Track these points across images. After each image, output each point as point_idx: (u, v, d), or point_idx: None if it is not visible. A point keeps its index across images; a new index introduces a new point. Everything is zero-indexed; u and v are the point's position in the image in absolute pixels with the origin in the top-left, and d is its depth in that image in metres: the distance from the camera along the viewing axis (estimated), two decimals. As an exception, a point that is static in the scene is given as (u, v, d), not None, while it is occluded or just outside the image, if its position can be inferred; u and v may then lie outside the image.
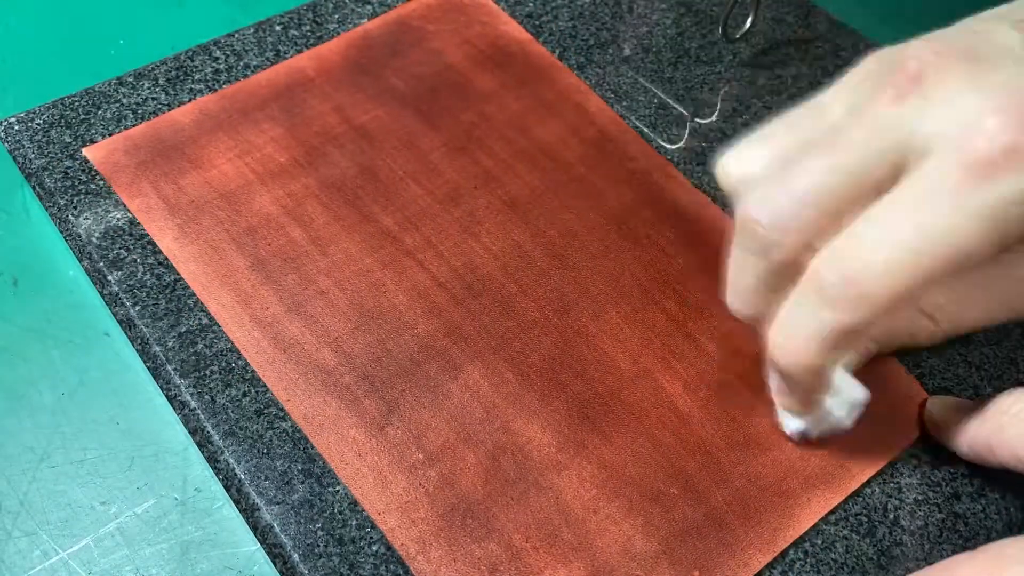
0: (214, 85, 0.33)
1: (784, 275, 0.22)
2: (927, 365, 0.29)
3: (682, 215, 0.31)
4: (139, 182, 0.30)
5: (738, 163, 0.22)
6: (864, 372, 0.28)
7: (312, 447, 0.26)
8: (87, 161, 0.31)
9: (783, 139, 0.22)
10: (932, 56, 0.20)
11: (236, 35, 0.35)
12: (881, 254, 0.20)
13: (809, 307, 0.21)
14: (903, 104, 0.20)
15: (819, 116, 0.22)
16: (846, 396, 0.25)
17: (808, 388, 0.24)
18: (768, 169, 0.22)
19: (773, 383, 0.25)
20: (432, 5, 0.36)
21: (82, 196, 0.30)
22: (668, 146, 0.33)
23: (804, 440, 0.27)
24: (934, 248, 0.19)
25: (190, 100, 0.33)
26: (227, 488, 0.26)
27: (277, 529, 0.24)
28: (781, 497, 0.26)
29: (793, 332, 0.22)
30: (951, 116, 0.20)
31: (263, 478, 0.25)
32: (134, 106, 0.32)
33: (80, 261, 0.30)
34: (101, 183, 0.30)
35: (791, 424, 0.26)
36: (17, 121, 0.32)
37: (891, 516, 0.26)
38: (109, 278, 0.28)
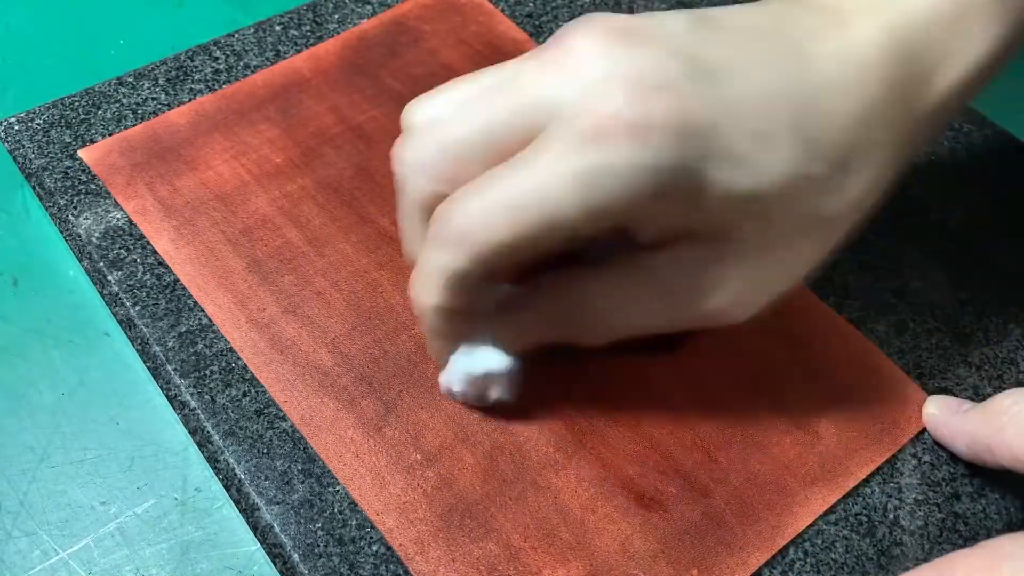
0: (214, 85, 0.33)
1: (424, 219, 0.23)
2: (927, 365, 0.29)
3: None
4: (135, 184, 0.30)
5: (413, 110, 0.23)
6: (864, 372, 0.28)
7: (311, 447, 0.26)
8: (85, 163, 0.31)
9: (458, 92, 0.23)
10: (588, 27, 0.21)
11: (236, 35, 0.35)
12: (485, 204, 0.21)
13: (429, 249, 0.22)
14: (545, 70, 0.21)
15: (493, 75, 0.22)
16: (482, 361, 0.25)
17: (435, 332, 0.24)
18: (430, 119, 0.22)
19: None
20: (428, 5, 0.36)
21: (82, 196, 0.30)
22: None
23: (456, 399, 0.26)
24: (529, 205, 0.20)
25: (190, 100, 0.33)
26: (227, 488, 0.26)
27: (277, 529, 0.24)
28: (779, 496, 0.26)
29: (418, 272, 0.23)
30: (579, 83, 0.20)
31: (263, 478, 0.25)
32: (134, 106, 0.33)
33: (80, 261, 0.30)
34: (101, 183, 0.31)
35: (442, 379, 0.26)
36: (17, 121, 0.32)
37: (891, 516, 0.26)
38: (109, 278, 0.28)
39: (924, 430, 0.27)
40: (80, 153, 0.31)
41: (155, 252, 0.29)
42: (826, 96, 0.21)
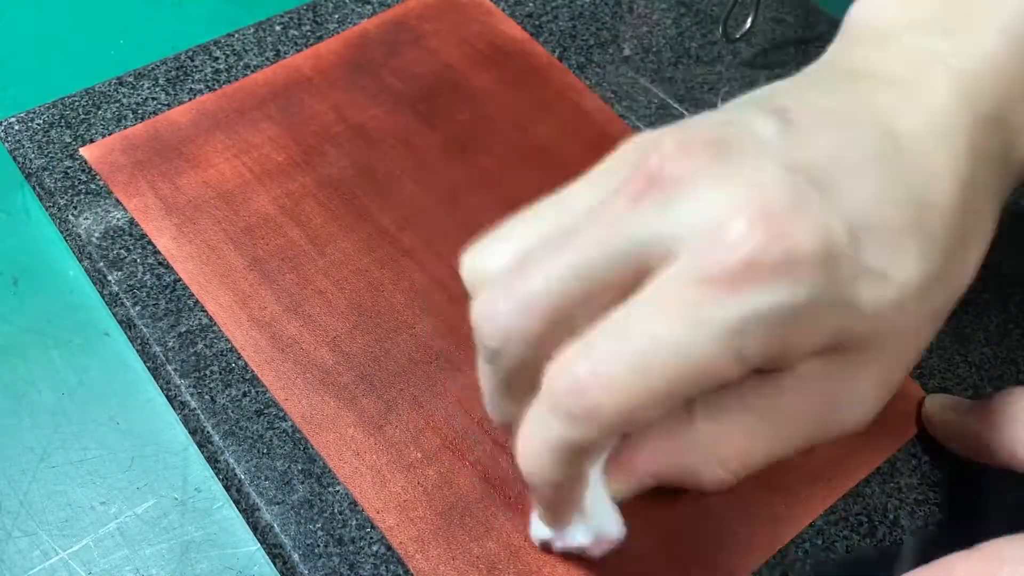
0: (214, 85, 0.33)
1: (523, 383, 0.20)
2: (927, 365, 0.29)
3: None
4: (136, 181, 0.30)
5: (479, 260, 0.20)
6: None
7: (312, 447, 0.26)
8: (87, 161, 0.31)
9: (525, 234, 0.20)
10: (676, 149, 0.19)
11: (236, 35, 0.35)
12: (610, 365, 0.18)
13: (543, 417, 0.19)
14: (643, 203, 0.18)
15: (563, 210, 0.20)
16: (595, 524, 0.22)
17: (552, 502, 0.21)
18: (505, 268, 0.20)
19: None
20: (430, 5, 0.36)
21: (82, 196, 0.30)
22: None
23: (547, 549, 0.24)
24: (667, 364, 0.18)
25: (190, 100, 0.33)
26: (227, 488, 0.26)
27: (277, 529, 0.24)
28: (780, 495, 0.26)
29: (529, 443, 0.20)
30: (693, 218, 0.18)
31: (263, 478, 0.25)
32: (134, 106, 0.33)
33: (80, 261, 0.30)
34: (101, 183, 0.30)
35: (537, 531, 0.24)
36: (17, 121, 0.32)
37: (891, 516, 0.26)
38: (109, 278, 0.28)
39: (924, 430, 0.28)
40: (82, 151, 0.31)
41: (155, 252, 0.29)
42: (930, 184, 0.20)
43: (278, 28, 0.35)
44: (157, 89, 0.33)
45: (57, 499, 0.25)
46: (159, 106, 0.33)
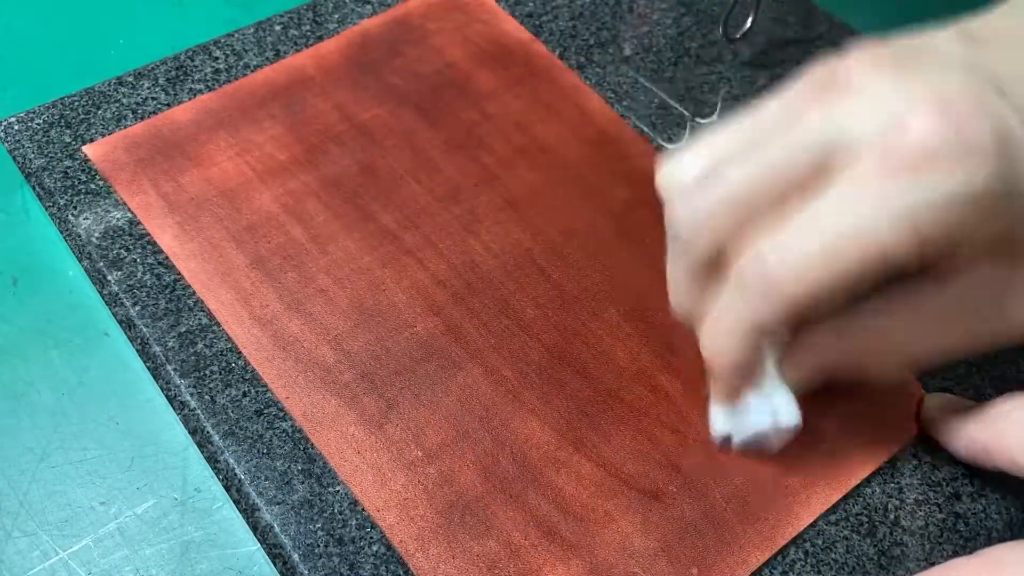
0: (214, 85, 0.33)
1: (711, 274, 0.22)
2: (927, 364, 0.29)
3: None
4: (139, 180, 0.30)
5: (675, 170, 0.23)
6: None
7: (312, 447, 0.26)
8: (87, 161, 0.31)
9: (720, 144, 0.22)
10: (865, 59, 0.21)
11: (236, 35, 0.35)
12: (796, 252, 0.20)
13: (730, 302, 0.21)
14: (829, 105, 0.20)
15: (757, 120, 0.22)
16: (776, 412, 0.24)
17: (730, 383, 0.24)
18: (699, 176, 0.22)
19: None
20: (433, 4, 0.36)
21: (82, 196, 0.30)
22: (668, 146, 0.34)
23: (725, 446, 0.26)
24: (850, 247, 0.19)
25: (190, 100, 0.33)
26: (227, 488, 0.26)
27: (277, 529, 0.24)
28: (780, 495, 0.26)
29: (716, 326, 0.22)
30: (875, 116, 0.20)
31: (263, 478, 0.25)
32: (134, 106, 0.33)
33: (80, 261, 0.30)
34: (101, 183, 0.30)
35: (718, 425, 0.25)
36: (17, 121, 0.32)
37: (892, 516, 0.26)
38: (109, 278, 0.28)
39: (924, 430, 0.27)
40: (84, 149, 0.31)
41: (155, 252, 0.29)
42: None
43: (278, 28, 0.35)
44: (157, 89, 0.33)
45: (57, 499, 0.25)
46: (159, 106, 0.33)
